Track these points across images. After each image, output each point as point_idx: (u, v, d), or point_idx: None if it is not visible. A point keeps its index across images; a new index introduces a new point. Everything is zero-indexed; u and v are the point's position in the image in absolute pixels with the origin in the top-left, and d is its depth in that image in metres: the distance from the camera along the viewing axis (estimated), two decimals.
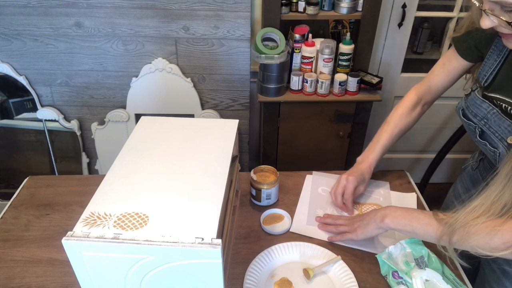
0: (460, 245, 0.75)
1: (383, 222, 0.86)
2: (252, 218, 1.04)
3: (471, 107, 0.87)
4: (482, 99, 0.84)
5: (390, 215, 0.86)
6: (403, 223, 0.84)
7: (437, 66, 1.01)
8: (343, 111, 1.83)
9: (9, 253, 0.94)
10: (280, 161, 1.99)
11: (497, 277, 0.93)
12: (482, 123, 0.84)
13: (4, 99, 1.93)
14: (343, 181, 1.02)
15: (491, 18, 0.68)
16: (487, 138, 0.83)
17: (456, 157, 2.30)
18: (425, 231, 0.80)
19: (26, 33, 1.76)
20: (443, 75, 0.99)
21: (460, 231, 0.73)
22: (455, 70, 0.97)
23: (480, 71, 0.87)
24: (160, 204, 0.72)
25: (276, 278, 0.88)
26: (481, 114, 0.84)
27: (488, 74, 0.84)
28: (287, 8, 1.68)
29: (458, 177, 1.15)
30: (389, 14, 1.89)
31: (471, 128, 0.88)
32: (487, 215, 0.71)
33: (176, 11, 1.72)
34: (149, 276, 0.69)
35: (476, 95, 0.86)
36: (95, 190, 0.75)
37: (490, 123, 0.82)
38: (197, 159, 0.83)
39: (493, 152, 0.82)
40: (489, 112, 0.82)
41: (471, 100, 0.87)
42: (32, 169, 2.09)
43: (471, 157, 1.10)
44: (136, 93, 1.89)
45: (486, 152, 0.86)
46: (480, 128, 0.85)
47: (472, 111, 0.87)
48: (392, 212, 0.86)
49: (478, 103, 0.85)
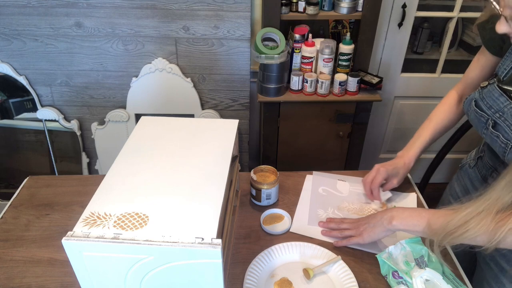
0: (476, 241, 0.75)
1: (391, 224, 0.86)
2: (252, 218, 1.04)
3: (487, 99, 0.86)
4: (500, 92, 0.84)
5: (398, 216, 0.86)
6: (413, 224, 0.83)
7: (473, 61, 1.02)
8: (343, 111, 1.83)
9: (9, 253, 0.94)
10: (280, 161, 1.99)
11: (494, 274, 0.93)
12: (497, 116, 0.83)
13: (4, 99, 1.93)
14: (374, 171, 1.06)
15: (509, 24, 0.68)
16: (500, 130, 0.83)
17: (456, 157, 2.30)
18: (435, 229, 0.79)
19: (26, 33, 1.76)
20: (477, 70, 1.00)
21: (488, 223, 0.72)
22: (487, 64, 0.97)
23: (500, 65, 0.87)
24: (160, 204, 0.72)
25: (276, 278, 0.88)
26: (497, 107, 0.84)
27: (509, 68, 0.84)
28: (287, 8, 1.68)
29: (454, 175, 1.15)
30: (389, 14, 1.89)
31: (482, 120, 0.87)
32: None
33: (176, 11, 1.72)
34: (149, 276, 0.69)
35: (495, 88, 0.85)
36: (95, 190, 0.75)
37: (506, 116, 0.81)
38: (197, 159, 0.83)
39: (505, 144, 0.82)
40: (506, 106, 0.82)
41: (488, 92, 0.87)
42: (32, 169, 2.09)
43: (468, 156, 1.10)
44: (136, 93, 1.89)
45: (496, 144, 0.85)
46: (493, 120, 0.84)
47: (487, 103, 0.86)
48: (400, 214, 0.86)
49: (496, 96, 0.84)
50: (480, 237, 0.74)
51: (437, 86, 2.12)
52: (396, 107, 2.20)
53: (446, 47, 2.02)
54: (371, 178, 1.06)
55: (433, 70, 2.10)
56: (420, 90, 2.14)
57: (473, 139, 1.79)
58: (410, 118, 2.24)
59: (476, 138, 0.96)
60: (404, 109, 2.21)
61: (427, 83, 2.11)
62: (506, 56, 0.86)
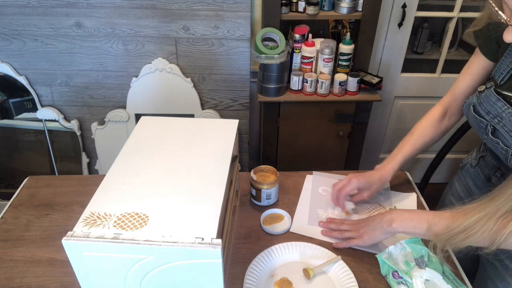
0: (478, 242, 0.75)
1: (391, 227, 0.86)
2: (252, 218, 1.04)
3: (485, 104, 0.86)
4: (497, 97, 0.83)
5: (397, 218, 0.86)
6: (412, 226, 0.83)
7: (462, 72, 1.00)
8: (343, 111, 1.83)
9: (9, 253, 0.94)
10: (280, 161, 1.99)
11: (499, 273, 0.92)
12: (496, 121, 0.83)
13: (4, 99, 1.93)
14: (346, 180, 1.03)
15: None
16: (499, 137, 0.82)
17: (456, 157, 2.30)
18: (437, 232, 0.79)
19: (26, 33, 1.76)
20: (467, 78, 0.98)
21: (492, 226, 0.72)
22: (479, 71, 0.95)
23: (497, 69, 0.86)
24: (160, 204, 0.72)
25: (276, 278, 0.88)
26: (495, 112, 0.83)
27: (505, 72, 0.84)
28: (287, 8, 1.68)
29: (455, 175, 1.15)
30: (389, 14, 1.89)
31: (482, 126, 0.86)
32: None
33: (176, 11, 1.72)
34: (149, 276, 0.69)
35: (492, 92, 0.85)
36: (95, 190, 0.75)
37: (505, 122, 0.81)
38: (197, 159, 0.83)
39: (506, 151, 0.81)
40: (503, 111, 0.81)
41: (485, 97, 0.86)
42: (32, 169, 2.09)
43: (469, 155, 1.10)
44: (136, 93, 1.89)
45: (497, 150, 0.84)
46: (492, 126, 0.84)
47: (485, 108, 0.86)
48: (399, 216, 0.86)
49: (493, 101, 0.84)
50: (483, 240, 0.73)
51: (437, 86, 2.12)
52: (396, 107, 2.20)
53: (446, 47, 2.02)
54: (340, 185, 1.03)
55: (433, 70, 2.10)
56: (420, 90, 2.14)
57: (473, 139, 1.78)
58: (410, 118, 2.24)
59: (476, 138, 0.95)
60: (404, 109, 2.21)
61: (427, 83, 2.11)
62: (502, 60, 0.85)
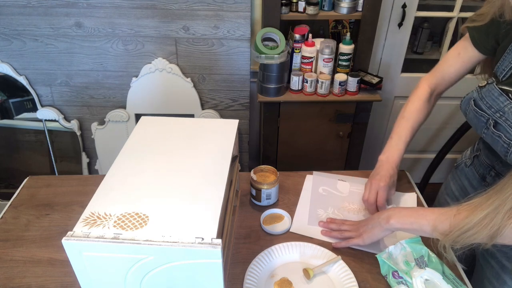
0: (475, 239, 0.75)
1: (388, 224, 0.86)
2: (252, 218, 1.04)
3: (486, 98, 0.86)
4: (500, 92, 0.83)
5: (395, 215, 0.86)
6: (410, 222, 0.83)
7: (451, 55, 0.99)
8: (343, 111, 1.83)
9: (9, 253, 0.94)
10: (280, 161, 1.99)
11: (495, 272, 0.93)
12: (498, 115, 0.83)
13: (4, 99, 1.93)
14: (374, 190, 1.00)
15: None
16: (502, 130, 0.82)
17: (456, 157, 2.28)
18: (434, 227, 0.79)
19: (26, 33, 1.76)
20: (458, 64, 0.97)
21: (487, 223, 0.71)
22: (470, 60, 0.95)
23: (499, 65, 0.86)
24: (160, 204, 0.72)
25: (276, 278, 0.88)
26: (497, 107, 0.83)
27: (508, 69, 0.84)
28: (287, 8, 1.68)
29: (449, 175, 1.15)
30: (389, 14, 1.89)
31: (482, 120, 0.86)
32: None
33: (176, 11, 1.72)
34: (149, 276, 0.69)
35: (494, 87, 0.84)
36: (95, 190, 0.75)
37: (507, 116, 0.81)
38: (197, 159, 0.83)
39: (507, 144, 0.81)
40: (506, 105, 0.81)
41: (487, 92, 0.86)
42: (32, 169, 2.09)
43: (463, 155, 1.10)
44: (136, 93, 1.89)
45: (497, 144, 0.84)
46: (494, 120, 0.84)
47: (487, 103, 0.85)
48: (397, 213, 0.86)
49: (496, 96, 0.84)
50: (487, 235, 0.73)
51: None
52: (396, 107, 2.20)
53: (446, 47, 2.02)
54: (373, 198, 0.99)
55: None
56: None
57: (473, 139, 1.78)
58: None
59: (476, 138, 0.95)
60: None
61: None
62: (504, 56, 0.85)
